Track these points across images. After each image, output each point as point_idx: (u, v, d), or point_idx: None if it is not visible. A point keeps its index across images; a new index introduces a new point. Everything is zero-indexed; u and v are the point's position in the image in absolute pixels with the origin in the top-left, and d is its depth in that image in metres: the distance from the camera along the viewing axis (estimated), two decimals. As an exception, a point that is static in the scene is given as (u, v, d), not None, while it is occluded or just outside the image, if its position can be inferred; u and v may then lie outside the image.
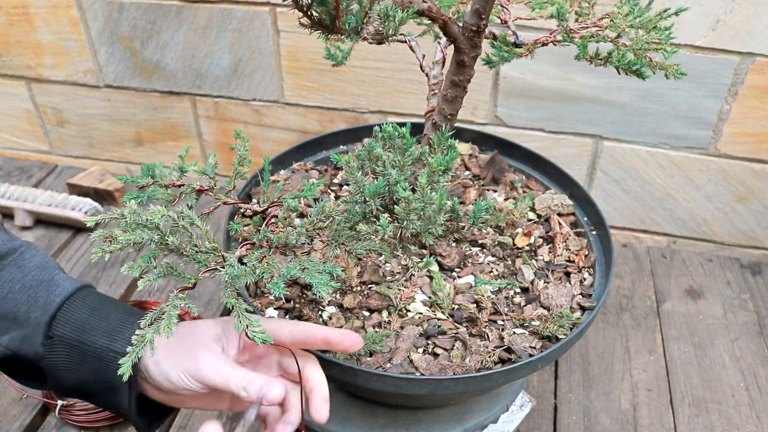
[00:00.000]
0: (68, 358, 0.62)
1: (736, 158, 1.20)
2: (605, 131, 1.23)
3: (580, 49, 0.68)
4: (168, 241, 0.54)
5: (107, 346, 0.61)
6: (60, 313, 0.63)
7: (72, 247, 1.31)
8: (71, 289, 0.64)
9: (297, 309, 0.76)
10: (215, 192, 0.66)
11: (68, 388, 0.64)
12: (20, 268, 0.64)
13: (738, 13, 1.05)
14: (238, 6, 1.22)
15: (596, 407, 1.02)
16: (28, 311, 0.62)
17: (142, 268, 0.53)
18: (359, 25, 0.57)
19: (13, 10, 1.34)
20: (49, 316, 0.62)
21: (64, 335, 0.62)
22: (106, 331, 0.62)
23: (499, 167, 0.97)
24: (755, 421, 1.00)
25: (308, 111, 1.34)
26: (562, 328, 0.73)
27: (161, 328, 0.51)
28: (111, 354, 0.61)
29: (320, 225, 0.60)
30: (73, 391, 0.65)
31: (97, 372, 0.62)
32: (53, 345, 0.62)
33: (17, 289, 0.63)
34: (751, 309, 1.20)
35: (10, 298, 0.62)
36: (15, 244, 0.67)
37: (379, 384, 0.67)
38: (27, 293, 0.63)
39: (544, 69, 1.18)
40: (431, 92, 0.75)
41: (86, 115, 1.48)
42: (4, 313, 0.62)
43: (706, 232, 1.32)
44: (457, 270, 0.81)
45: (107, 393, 0.63)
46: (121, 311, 0.65)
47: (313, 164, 1.01)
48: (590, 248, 0.86)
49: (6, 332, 0.62)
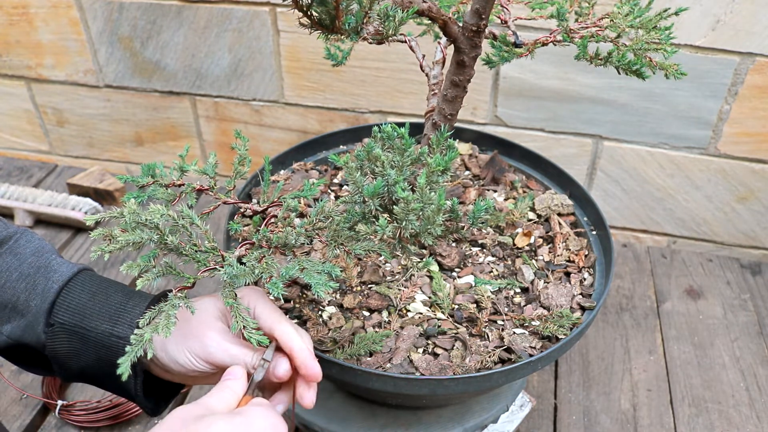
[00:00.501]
0: (71, 345, 0.62)
1: (736, 158, 1.20)
2: (605, 131, 1.23)
3: (580, 49, 0.68)
4: (167, 241, 0.54)
5: (109, 331, 0.61)
6: (59, 299, 0.62)
7: (72, 247, 1.31)
8: (69, 274, 0.64)
9: (297, 309, 0.76)
10: (215, 192, 0.66)
11: (73, 374, 0.64)
12: (16, 256, 0.64)
13: (738, 13, 1.05)
14: (238, 6, 1.22)
15: (596, 407, 1.02)
16: (27, 299, 0.62)
17: (141, 267, 0.53)
18: (359, 25, 0.57)
19: (13, 10, 1.34)
20: (48, 303, 0.62)
21: (65, 322, 0.62)
22: (107, 315, 0.62)
23: (499, 167, 0.97)
24: (755, 421, 1.00)
25: (308, 111, 1.34)
26: (562, 328, 0.73)
27: (160, 328, 0.51)
28: (113, 339, 0.61)
29: (320, 225, 0.60)
30: (79, 376, 0.65)
31: (101, 357, 0.62)
32: (55, 332, 0.62)
33: (15, 278, 0.63)
34: (751, 309, 1.20)
35: (8, 287, 0.62)
36: (10, 231, 0.66)
37: (379, 384, 0.67)
38: (25, 281, 0.63)
39: (544, 69, 1.18)
40: (431, 92, 0.75)
41: (86, 115, 1.48)
42: (3, 303, 0.62)
43: (706, 232, 1.31)
44: (457, 270, 0.81)
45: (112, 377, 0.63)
46: (120, 294, 0.64)
47: (313, 164, 1.01)
48: (590, 248, 0.86)
49: (7, 321, 0.62)
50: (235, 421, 0.52)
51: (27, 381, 1.03)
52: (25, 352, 0.64)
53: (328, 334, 0.72)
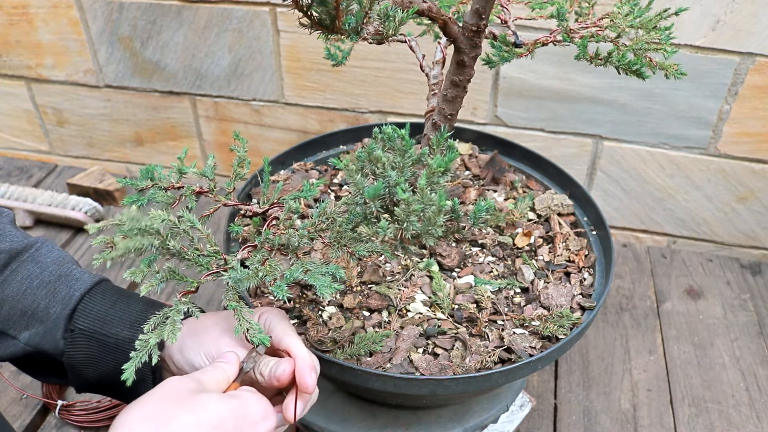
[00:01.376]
0: (89, 351, 0.63)
1: (736, 158, 1.20)
2: (605, 131, 1.23)
3: (580, 49, 0.68)
4: (169, 246, 0.54)
5: (130, 337, 0.62)
6: (81, 306, 0.63)
7: (72, 247, 1.31)
8: (90, 282, 0.65)
9: (297, 309, 0.76)
10: (215, 194, 0.66)
11: (89, 382, 0.65)
12: (38, 264, 0.65)
13: (738, 13, 1.05)
14: (238, 6, 1.22)
15: (596, 407, 1.02)
16: (47, 306, 0.62)
17: (144, 273, 0.53)
18: (359, 25, 0.57)
19: (13, 10, 1.34)
20: (69, 309, 0.62)
21: (85, 328, 0.62)
22: (128, 322, 0.63)
23: (499, 167, 0.97)
24: (755, 421, 1.00)
25: (308, 111, 1.34)
26: (562, 328, 0.73)
27: (166, 333, 0.51)
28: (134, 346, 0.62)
29: (322, 226, 0.60)
30: (95, 386, 0.65)
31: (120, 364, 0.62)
32: (74, 338, 0.62)
33: (35, 285, 0.63)
34: (751, 309, 1.20)
35: (28, 294, 0.63)
36: (30, 240, 0.67)
37: (379, 384, 0.67)
38: (46, 288, 0.63)
39: (544, 69, 1.18)
40: (431, 92, 0.75)
41: (86, 115, 1.48)
42: (23, 310, 0.62)
43: (706, 232, 1.32)
44: (457, 270, 0.81)
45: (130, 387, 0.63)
46: (141, 303, 0.65)
47: (313, 164, 1.01)
48: (590, 248, 0.86)
49: (25, 329, 0.62)
50: (232, 402, 0.53)
51: (27, 381, 1.03)
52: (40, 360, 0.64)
53: (328, 334, 0.72)
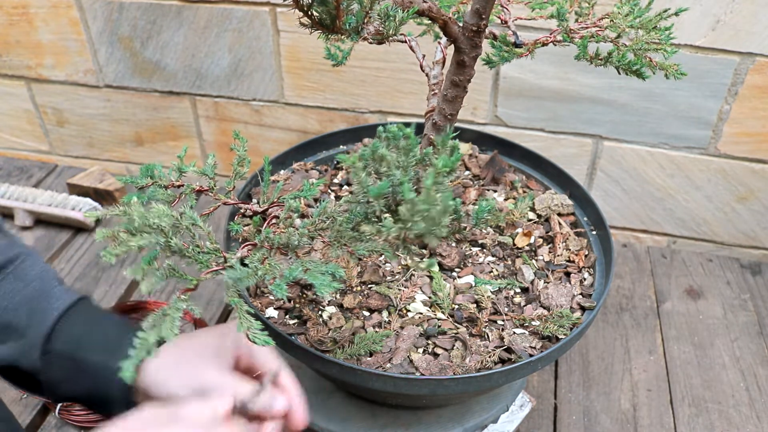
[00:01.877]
0: (64, 373, 0.62)
1: (736, 158, 1.20)
2: (605, 131, 1.23)
3: (580, 49, 0.68)
4: (172, 243, 0.54)
5: (104, 363, 0.61)
6: (57, 327, 0.63)
7: (72, 247, 1.31)
8: (68, 302, 0.64)
9: (297, 309, 0.76)
10: (215, 192, 0.66)
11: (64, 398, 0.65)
12: (20, 279, 0.65)
13: (738, 13, 1.05)
14: (238, 6, 1.22)
15: (596, 407, 1.02)
16: (27, 326, 0.62)
17: (145, 271, 0.53)
18: (359, 25, 0.57)
19: (13, 10, 1.34)
20: (46, 329, 0.62)
21: (62, 351, 0.62)
22: (102, 346, 0.62)
23: (499, 167, 0.97)
24: (755, 421, 1.00)
25: (308, 111, 1.34)
26: (562, 328, 0.73)
27: (164, 330, 0.50)
28: (108, 372, 0.61)
29: (322, 226, 0.60)
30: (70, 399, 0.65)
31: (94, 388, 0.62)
32: (50, 360, 0.62)
33: (17, 301, 0.63)
34: (751, 309, 1.20)
35: (10, 309, 0.63)
36: (15, 252, 0.66)
37: (379, 384, 0.67)
38: (27, 305, 0.63)
39: (544, 69, 1.18)
40: (431, 92, 0.75)
41: (86, 115, 1.48)
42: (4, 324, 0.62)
43: (706, 232, 1.32)
44: (457, 270, 0.81)
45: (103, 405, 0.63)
46: (117, 326, 0.65)
47: (313, 164, 1.01)
48: (590, 248, 0.86)
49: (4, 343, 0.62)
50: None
51: (27, 381, 1.03)
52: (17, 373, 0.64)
53: (328, 334, 0.72)
